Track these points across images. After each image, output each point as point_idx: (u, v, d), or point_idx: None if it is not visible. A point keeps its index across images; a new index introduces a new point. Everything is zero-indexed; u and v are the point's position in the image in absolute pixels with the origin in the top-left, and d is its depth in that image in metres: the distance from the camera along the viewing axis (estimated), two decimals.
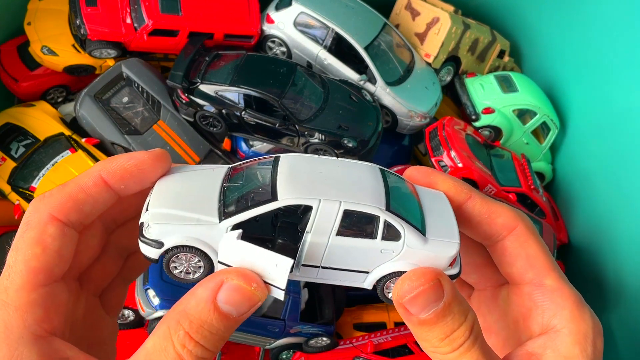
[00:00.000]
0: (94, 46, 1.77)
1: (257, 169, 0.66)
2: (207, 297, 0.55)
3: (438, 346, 0.59)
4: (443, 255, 0.63)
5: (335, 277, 0.65)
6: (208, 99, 1.73)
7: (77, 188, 0.61)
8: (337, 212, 0.61)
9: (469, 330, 0.59)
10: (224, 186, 0.65)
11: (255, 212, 0.61)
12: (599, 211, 1.90)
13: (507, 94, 2.07)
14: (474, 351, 0.59)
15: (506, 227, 0.68)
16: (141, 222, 0.62)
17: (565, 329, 0.63)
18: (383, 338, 1.70)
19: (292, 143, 1.77)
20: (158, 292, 1.56)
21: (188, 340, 0.54)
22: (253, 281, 0.57)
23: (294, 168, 0.64)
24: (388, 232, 0.62)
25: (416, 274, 0.59)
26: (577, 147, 2.08)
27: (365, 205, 0.61)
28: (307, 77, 1.80)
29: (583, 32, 1.98)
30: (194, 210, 0.61)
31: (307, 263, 0.63)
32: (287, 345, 1.70)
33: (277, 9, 1.92)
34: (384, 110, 1.93)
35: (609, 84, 1.86)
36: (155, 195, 0.63)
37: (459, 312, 0.59)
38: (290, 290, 1.66)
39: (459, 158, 1.85)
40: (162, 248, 0.61)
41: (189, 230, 0.61)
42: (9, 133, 1.75)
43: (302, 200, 0.60)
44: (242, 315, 0.57)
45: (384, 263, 0.64)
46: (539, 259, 0.67)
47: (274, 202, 0.60)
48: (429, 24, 2.05)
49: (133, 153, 0.63)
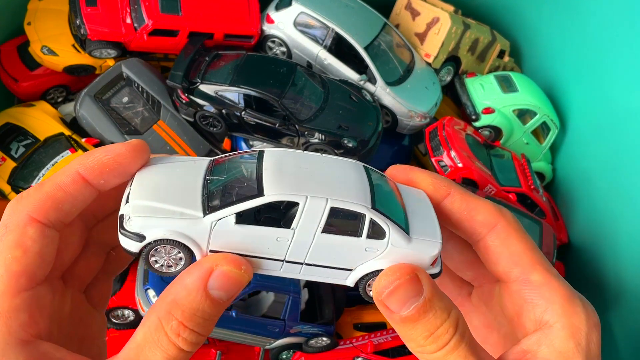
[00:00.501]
0: (94, 46, 1.77)
1: (240, 162, 0.65)
2: (198, 286, 0.55)
3: (424, 345, 0.58)
4: (425, 254, 0.63)
5: (318, 274, 0.65)
6: (208, 99, 1.73)
7: (55, 187, 0.59)
8: (324, 210, 0.60)
9: (453, 327, 0.58)
10: (207, 179, 0.64)
11: (240, 207, 0.60)
12: (599, 211, 1.90)
13: (507, 94, 2.07)
14: (461, 349, 0.58)
15: (486, 225, 0.66)
16: (121, 214, 0.61)
17: (558, 323, 0.62)
18: (383, 338, 1.70)
19: (292, 143, 1.77)
20: (158, 292, 1.56)
21: (182, 329, 0.54)
22: (242, 264, 0.58)
23: (279, 163, 0.63)
24: (373, 231, 0.62)
25: (392, 269, 0.59)
26: (577, 147, 2.08)
27: (352, 204, 0.61)
28: (307, 77, 1.80)
29: (583, 32, 1.98)
30: (177, 203, 0.60)
31: (292, 260, 0.63)
32: (287, 345, 1.70)
33: (277, 9, 1.91)
34: (384, 110, 1.93)
35: (609, 84, 1.86)
36: (136, 187, 0.61)
37: (441, 309, 0.58)
38: (290, 290, 1.66)
39: (459, 158, 1.85)
40: (144, 242, 0.60)
41: (172, 224, 0.60)
42: (9, 133, 1.75)
43: (289, 196, 0.60)
44: (231, 298, 0.57)
45: (368, 261, 0.63)
46: (523, 255, 0.65)
47: (260, 197, 0.60)
48: (429, 24, 2.05)
49: (110, 146, 0.62)
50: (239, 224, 0.60)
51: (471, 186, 1.86)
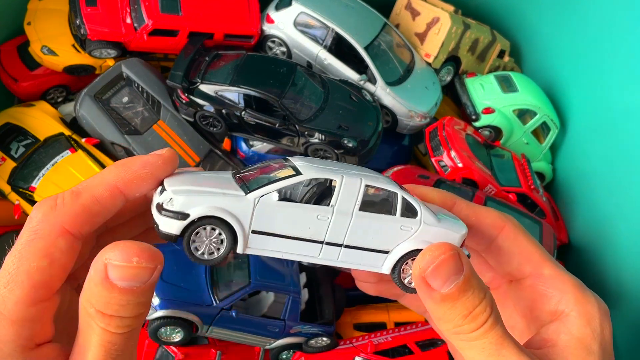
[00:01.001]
0: (94, 46, 1.77)
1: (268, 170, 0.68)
2: (99, 279, 0.53)
3: (461, 324, 0.59)
4: (456, 233, 0.65)
5: (355, 259, 0.66)
6: (208, 99, 1.73)
7: (92, 200, 0.58)
8: (359, 187, 0.63)
9: (490, 307, 0.60)
10: (237, 175, 0.66)
11: (281, 185, 0.62)
12: (599, 211, 1.90)
13: (507, 94, 2.07)
14: (497, 329, 0.59)
15: (495, 227, 0.70)
16: (158, 202, 0.61)
17: (574, 311, 0.65)
18: (383, 338, 1.70)
19: (292, 143, 1.77)
20: (158, 292, 1.56)
21: (101, 316, 0.53)
22: (133, 255, 0.53)
23: (309, 160, 0.67)
24: (406, 209, 0.65)
25: (435, 246, 0.61)
26: (577, 147, 2.08)
27: (384, 182, 0.65)
28: (307, 77, 1.80)
29: (583, 32, 1.98)
30: (216, 187, 0.62)
31: (331, 241, 0.64)
32: (287, 345, 1.70)
33: (277, 9, 1.91)
34: (384, 110, 1.93)
35: (609, 84, 1.86)
36: (169, 181, 0.62)
37: (478, 288, 0.60)
38: (290, 290, 1.66)
39: (459, 158, 1.85)
40: (187, 220, 0.60)
41: (215, 200, 0.60)
42: (9, 133, 1.75)
43: (326, 174, 0.63)
44: (147, 283, 0.54)
45: (403, 242, 0.65)
46: (533, 252, 0.69)
47: (299, 175, 0.63)
48: (429, 23, 2.05)
49: (144, 158, 0.61)
50: (281, 201, 0.62)
51: (471, 186, 1.86)
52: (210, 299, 1.58)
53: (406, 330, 1.74)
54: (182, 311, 1.54)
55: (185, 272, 1.62)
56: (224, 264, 1.55)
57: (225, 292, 1.60)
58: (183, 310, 1.54)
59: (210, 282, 1.62)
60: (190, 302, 1.56)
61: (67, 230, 0.57)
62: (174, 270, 1.62)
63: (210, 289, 1.60)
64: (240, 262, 1.69)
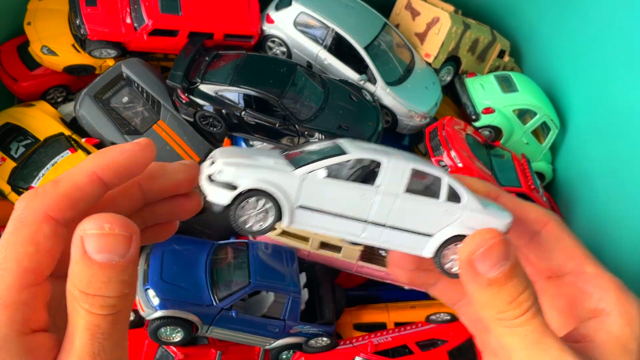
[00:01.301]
0: (94, 46, 1.77)
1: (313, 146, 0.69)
2: (77, 256, 0.54)
3: (505, 311, 0.60)
4: (502, 221, 0.65)
5: (397, 241, 0.66)
6: (208, 99, 1.73)
7: (71, 186, 0.60)
8: (406, 170, 0.64)
9: (533, 296, 0.60)
10: (286, 154, 0.67)
11: (329, 162, 0.63)
12: (599, 211, 1.90)
13: (507, 94, 2.07)
14: (539, 318, 0.60)
15: (539, 222, 0.70)
16: (209, 173, 0.62)
17: (615, 311, 0.65)
18: (383, 338, 1.70)
19: (292, 143, 1.77)
20: (158, 292, 1.56)
21: (85, 297, 0.54)
22: (105, 222, 0.54)
23: (355, 141, 0.68)
24: (451, 194, 0.65)
25: (485, 230, 0.61)
26: (577, 147, 2.08)
27: (430, 168, 0.65)
28: (307, 77, 1.80)
29: (583, 32, 1.98)
30: (266, 162, 0.63)
31: (375, 220, 0.65)
32: (287, 345, 1.70)
33: (277, 9, 1.91)
34: (384, 110, 1.93)
35: (609, 84, 1.86)
36: (220, 153, 0.64)
37: (523, 277, 0.60)
38: (290, 290, 1.66)
39: (459, 158, 1.85)
40: (236, 191, 0.61)
41: (264, 173, 0.62)
42: (9, 133, 1.75)
43: (373, 155, 0.64)
44: (126, 257, 0.55)
45: (447, 226, 0.66)
46: (576, 249, 0.70)
47: (346, 154, 0.64)
48: (429, 24, 2.05)
49: (122, 146, 0.62)
50: (328, 178, 0.63)
51: None
52: (210, 299, 1.58)
53: (406, 330, 1.74)
54: (182, 311, 1.54)
55: (185, 272, 1.62)
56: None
57: (225, 292, 1.60)
58: (183, 310, 1.54)
59: (210, 282, 1.62)
60: (190, 302, 1.56)
61: (50, 216, 0.58)
62: (174, 270, 1.62)
63: (210, 289, 1.60)
64: (240, 262, 1.69)
